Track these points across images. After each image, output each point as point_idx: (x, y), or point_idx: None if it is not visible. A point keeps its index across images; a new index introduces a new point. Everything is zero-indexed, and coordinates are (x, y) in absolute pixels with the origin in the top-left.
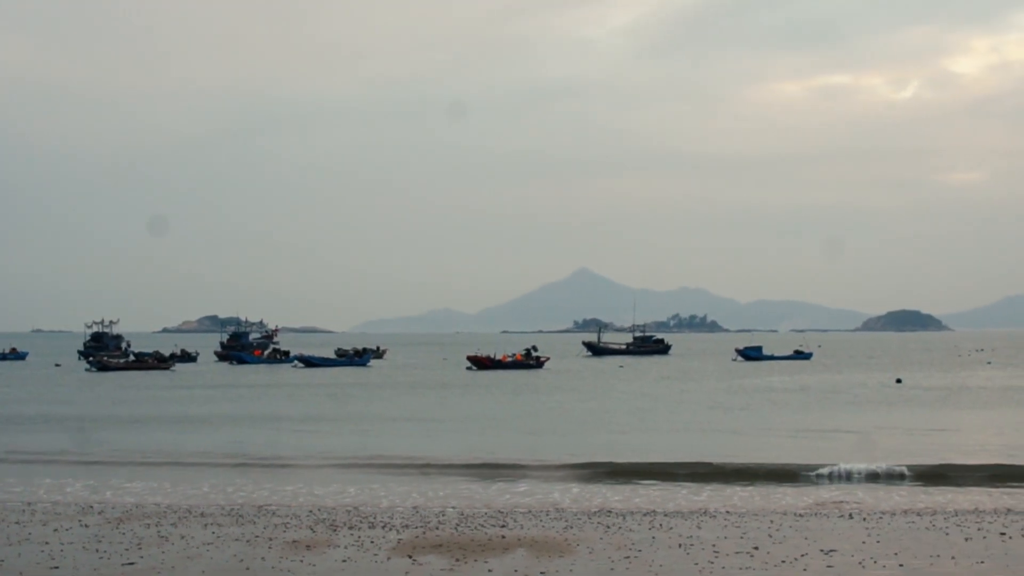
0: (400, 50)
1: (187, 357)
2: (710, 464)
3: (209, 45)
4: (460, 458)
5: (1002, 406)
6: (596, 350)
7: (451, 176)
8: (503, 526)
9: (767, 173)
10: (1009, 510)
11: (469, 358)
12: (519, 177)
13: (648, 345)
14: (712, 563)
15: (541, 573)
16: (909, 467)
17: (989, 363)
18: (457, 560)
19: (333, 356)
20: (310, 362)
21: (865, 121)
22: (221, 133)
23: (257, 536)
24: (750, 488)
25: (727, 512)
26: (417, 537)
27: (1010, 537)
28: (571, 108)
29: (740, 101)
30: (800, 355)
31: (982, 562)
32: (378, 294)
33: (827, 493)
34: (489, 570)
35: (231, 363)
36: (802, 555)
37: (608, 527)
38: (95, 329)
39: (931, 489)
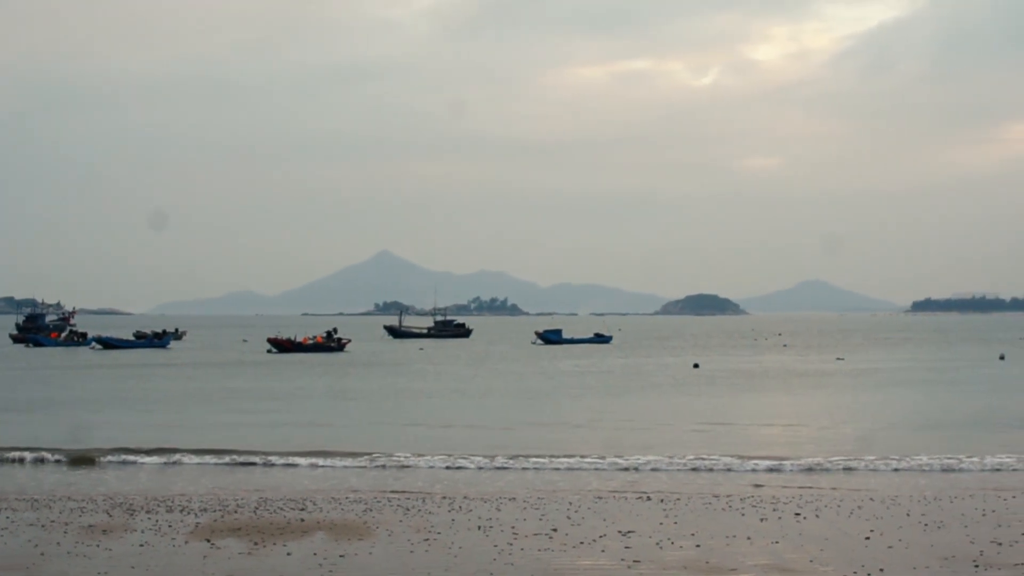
0: (206, 29)
1: None
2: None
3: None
4: (263, 444)
5: (798, 390)
6: (397, 333)
7: (252, 156)
8: (302, 509)
9: (568, 157)
10: (803, 490)
11: (270, 340)
12: (321, 158)
13: (449, 328)
14: (511, 544)
15: (340, 556)
16: (693, 458)
17: (785, 346)
18: (256, 544)
19: (132, 338)
20: (109, 344)
21: (666, 106)
22: (14, 112)
23: (52, 521)
24: (551, 471)
25: (527, 495)
26: (215, 521)
27: (804, 517)
28: (374, 90)
29: (542, 85)
30: (600, 338)
31: (777, 542)
32: (177, 276)
33: (627, 476)
34: (288, 553)
35: (27, 345)
36: (600, 536)
37: (408, 510)
38: None
39: (730, 474)
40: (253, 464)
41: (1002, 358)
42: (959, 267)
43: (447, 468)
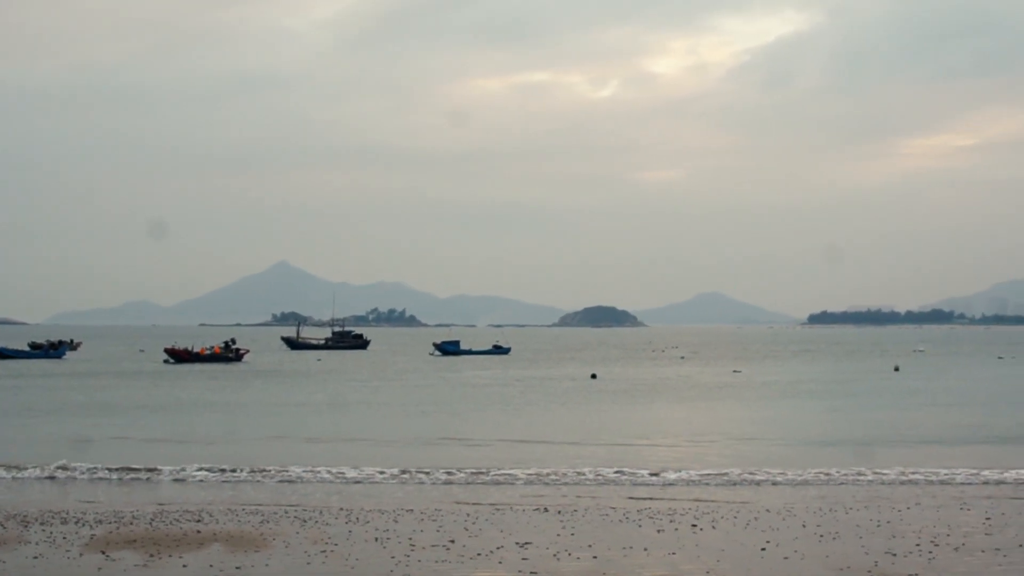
0: (98, 37)
1: None
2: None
3: None
4: (160, 456)
5: (695, 402)
6: (295, 344)
7: (148, 166)
8: (199, 521)
9: (468, 168)
10: (700, 502)
11: (167, 351)
12: (218, 168)
13: (347, 339)
14: (408, 556)
15: (236, 567)
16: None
17: (682, 358)
18: (151, 555)
19: (27, 348)
20: (2, 354)
21: (565, 118)
22: None
23: None
24: (449, 484)
25: (424, 506)
26: (111, 533)
27: (701, 528)
28: (273, 100)
29: (442, 96)
30: (499, 350)
31: (674, 553)
32: (73, 285)
33: (524, 489)
34: (184, 565)
35: None
36: (498, 548)
37: (305, 521)
38: None
39: (626, 485)
40: (149, 476)
41: (897, 370)
42: (855, 280)
43: (344, 481)
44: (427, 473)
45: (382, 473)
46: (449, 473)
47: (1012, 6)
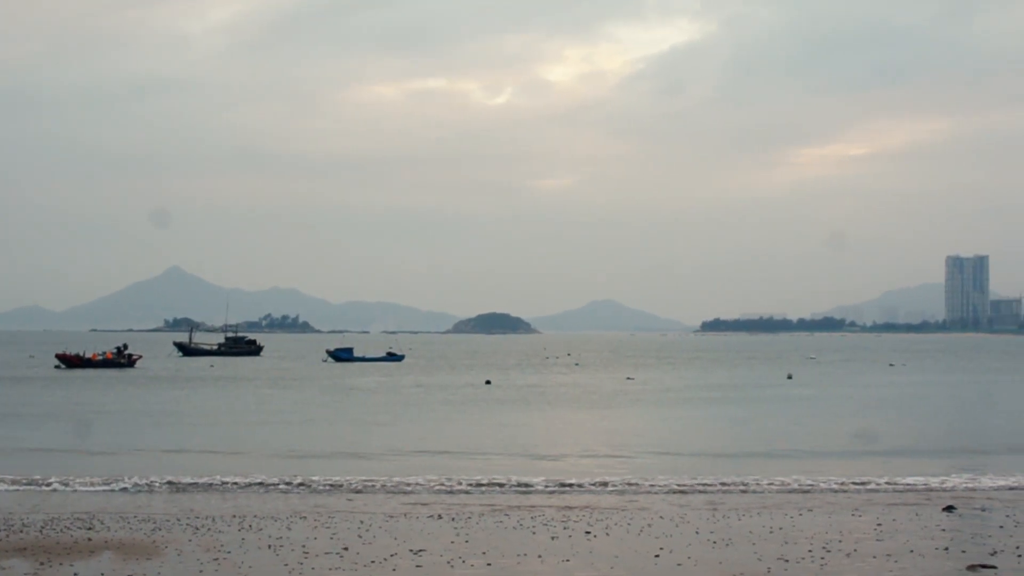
0: None
1: None
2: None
3: None
4: (51, 464)
5: (588, 409)
6: (187, 350)
7: (41, 169)
8: (90, 528)
9: (362, 175)
10: (593, 510)
11: (58, 356)
12: (112, 173)
13: (240, 346)
14: (302, 564)
15: (128, 575)
16: (484, 480)
17: (576, 365)
18: (42, 564)
19: None
20: None
21: (460, 125)
22: None
23: None
24: (342, 492)
25: (318, 513)
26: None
27: (594, 535)
28: (167, 104)
29: (337, 103)
30: (392, 357)
31: (567, 560)
32: None
33: (418, 496)
34: (75, 573)
35: None
36: (392, 555)
37: (197, 529)
38: None
39: (520, 493)
40: (39, 484)
41: (790, 378)
42: (747, 288)
43: (237, 489)
44: (320, 481)
45: (275, 482)
46: (341, 482)
47: (905, 18)
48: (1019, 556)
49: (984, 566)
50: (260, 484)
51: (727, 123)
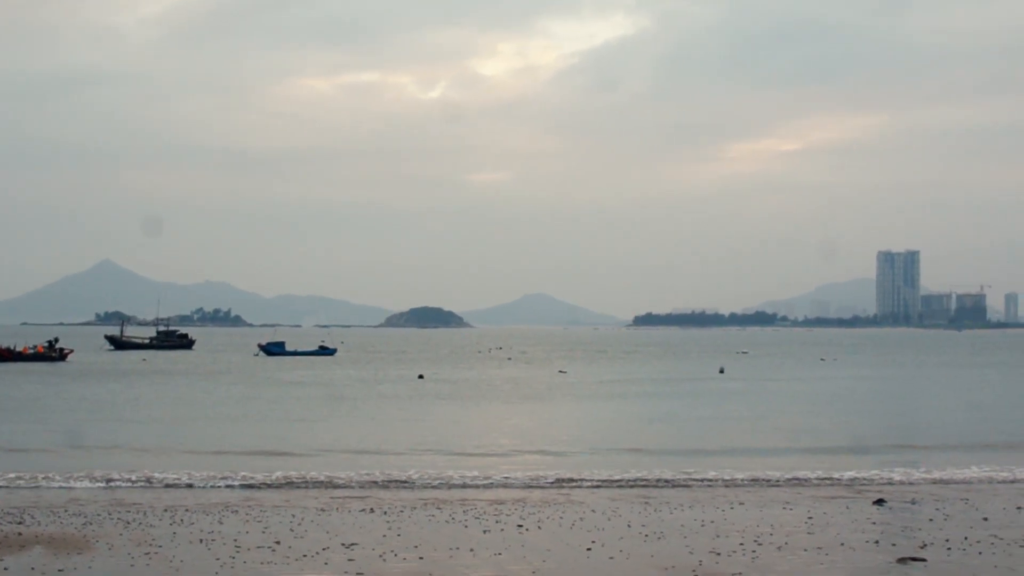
0: None
1: None
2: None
3: None
4: None
5: (520, 403)
6: (119, 344)
7: None
8: (20, 523)
9: (295, 168)
10: (526, 503)
11: None
12: (42, 166)
13: (172, 339)
14: (234, 558)
15: (59, 570)
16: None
17: (509, 360)
18: None
19: None
20: None
21: (394, 119)
22: None
23: None
24: (274, 487)
25: (249, 507)
26: None
27: (527, 529)
28: (98, 97)
29: (271, 96)
30: (324, 351)
31: (500, 553)
32: None
33: (350, 491)
34: (5, 568)
35: None
36: (324, 549)
37: (128, 523)
38: None
39: (452, 487)
40: None
41: (722, 372)
42: (680, 283)
43: (169, 484)
44: (252, 477)
45: (206, 477)
46: (273, 477)
47: (836, 15)
48: (948, 549)
49: (914, 559)
50: (191, 479)
51: (661, 118)
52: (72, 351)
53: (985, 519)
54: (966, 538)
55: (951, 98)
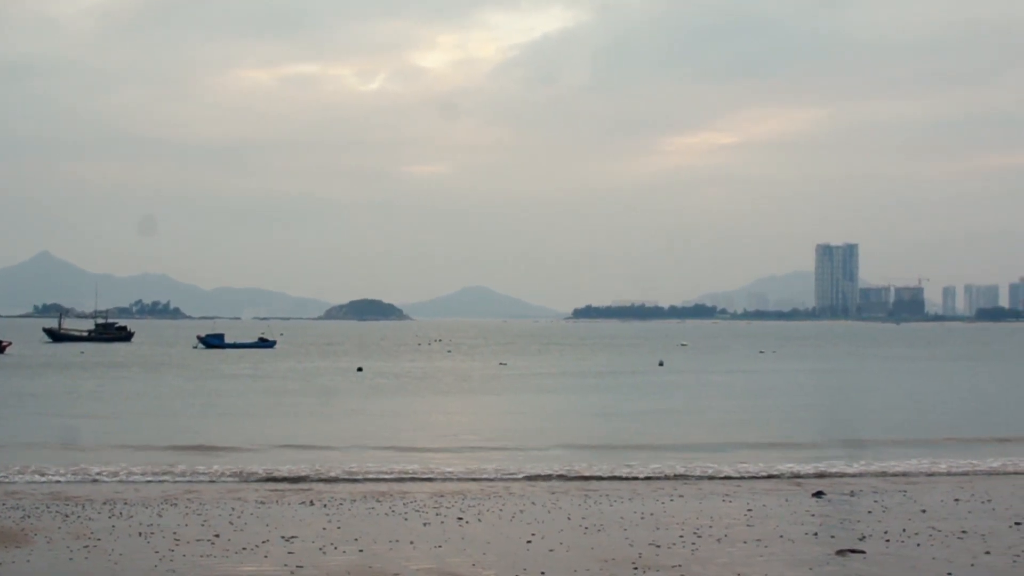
0: None
1: None
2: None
3: None
4: None
5: (460, 395)
6: (57, 336)
7: None
8: None
9: (235, 160)
10: (466, 496)
11: None
12: None
13: (111, 332)
14: (173, 551)
15: None
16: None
17: (449, 352)
18: None
19: None
20: None
21: (333, 111)
22: None
23: None
24: (215, 481)
25: (189, 500)
26: None
27: (467, 521)
28: (35, 88)
29: (210, 87)
30: (264, 343)
31: (440, 546)
32: None
33: (289, 483)
34: None
35: None
36: (263, 541)
37: (67, 516)
38: None
39: (393, 480)
40: None
41: (661, 364)
42: (619, 275)
43: (107, 479)
44: (191, 471)
45: (146, 471)
46: (212, 469)
47: (775, 10)
48: (887, 540)
49: (853, 551)
50: (130, 473)
51: (600, 111)
52: (10, 343)
53: (924, 511)
54: (904, 530)
55: (888, 92)
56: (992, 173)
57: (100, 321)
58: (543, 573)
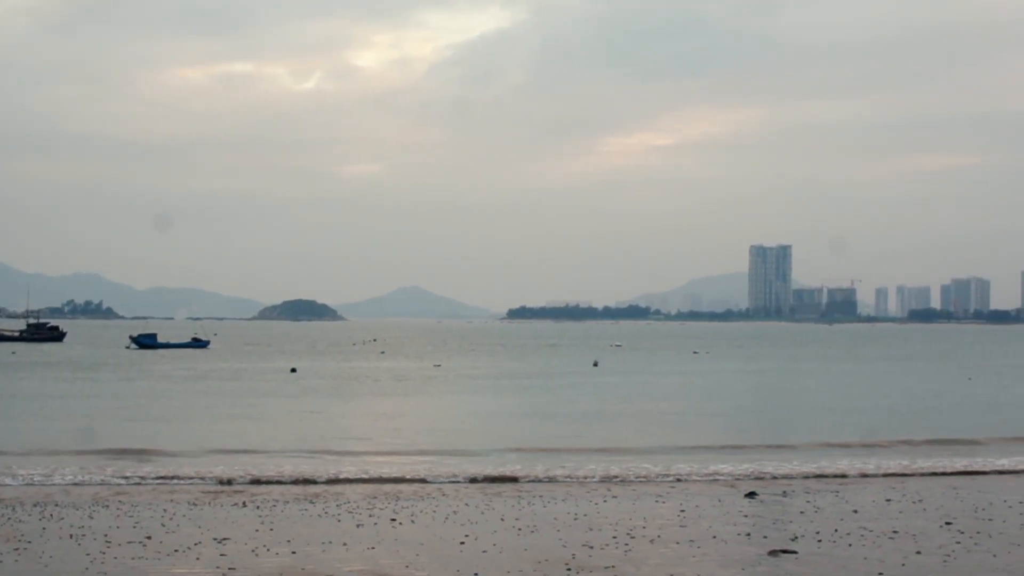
0: None
1: None
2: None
3: None
4: None
5: (395, 396)
6: None
7: None
8: None
9: (167, 159)
10: (399, 498)
11: None
12: None
13: (43, 332)
14: (104, 553)
15: None
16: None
17: (383, 353)
18: None
19: None
20: None
21: (267, 110)
22: None
23: None
24: (145, 483)
25: (120, 502)
26: None
27: (400, 523)
28: None
29: (141, 85)
30: (197, 343)
31: (373, 547)
32: None
33: (221, 485)
34: None
35: None
36: (196, 544)
37: None
38: None
39: (328, 483)
40: None
41: (595, 365)
42: (554, 276)
43: (38, 482)
44: (123, 474)
45: (76, 472)
46: (144, 472)
47: (710, 10)
48: (819, 541)
49: (785, 551)
50: (61, 476)
51: (536, 112)
52: None
53: (855, 511)
54: (836, 530)
55: (822, 94)
56: (925, 175)
57: (32, 321)
58: (476, 574)
